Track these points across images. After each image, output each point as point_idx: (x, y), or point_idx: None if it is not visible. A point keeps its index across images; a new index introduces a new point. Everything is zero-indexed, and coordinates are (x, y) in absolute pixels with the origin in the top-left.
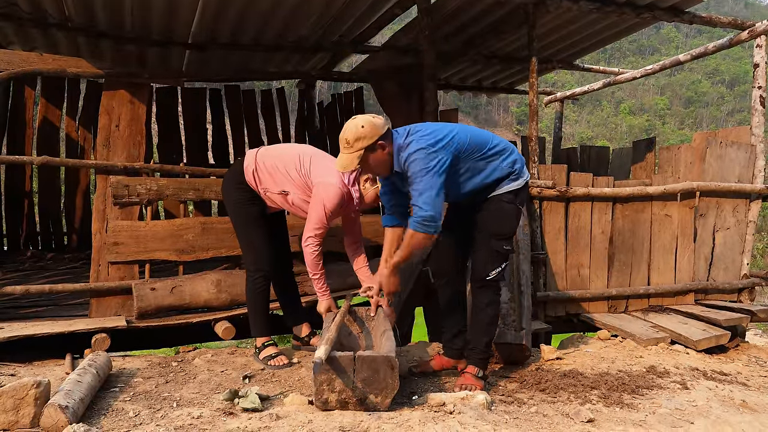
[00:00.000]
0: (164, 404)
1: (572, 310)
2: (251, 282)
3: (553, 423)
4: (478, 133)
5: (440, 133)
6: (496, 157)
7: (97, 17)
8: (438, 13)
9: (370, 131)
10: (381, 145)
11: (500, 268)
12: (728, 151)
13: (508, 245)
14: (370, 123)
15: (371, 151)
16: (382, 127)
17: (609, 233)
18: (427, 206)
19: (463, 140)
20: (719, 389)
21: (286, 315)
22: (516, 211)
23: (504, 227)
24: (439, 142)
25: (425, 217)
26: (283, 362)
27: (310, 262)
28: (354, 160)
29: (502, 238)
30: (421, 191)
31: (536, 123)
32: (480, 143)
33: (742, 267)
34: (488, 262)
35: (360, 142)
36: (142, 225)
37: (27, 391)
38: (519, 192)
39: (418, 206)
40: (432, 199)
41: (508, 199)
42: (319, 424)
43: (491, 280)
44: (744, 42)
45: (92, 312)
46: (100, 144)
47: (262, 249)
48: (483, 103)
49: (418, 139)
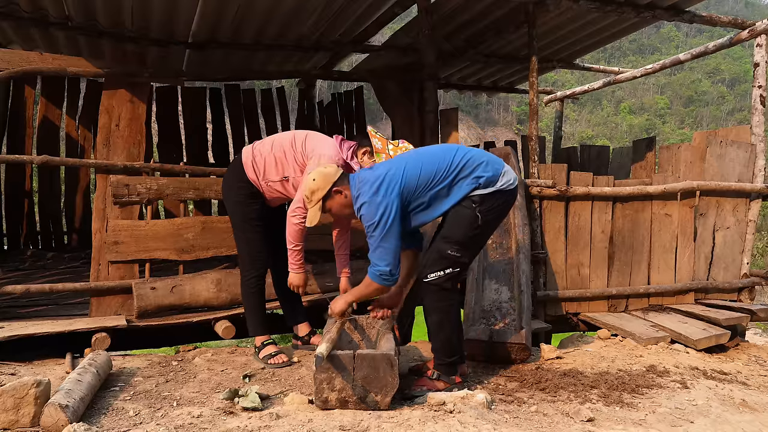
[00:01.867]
0: (164, 403)
1: (572, 310)
2: (245, 282)
3: (553, 422)
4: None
5: (384, 177)
6: (458, 178)
7: (97, 16)
8: (438, 13)
9: (322, 182)
10: (336, 191)
11: (441, 272)
12: (728, 151)
13: (454, 250)
14: (321, 174)
15: (329, 199)
16: (333, 175)
17: (609, 232)
18: (382, 262)
19: (412, 174)
20: (719, 388)
21: (285, 314)
22: (471, 217)
23: (453, 231)
24: (380, 188)
25: (382, 272)
26: (282, 360)
27: (292, 232)
28: (316, 212)
29: (448, 242)
30: (375, 247)
31: (536, 122)
32: (436, 170)
33: (742, 266)
34: (429, 263)
35: (316, 194)
36: (142, 224)
37: (27, 390)
38: (485, 198)
39: (372, 262)
40: (385, 253)
41: (466, 205)
42: (319, 423)
43: (430, 282)
44: (744, 41)
45: (92, 311)
46: (100, 143)
47: (257, 250)
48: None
49: (364, 191)
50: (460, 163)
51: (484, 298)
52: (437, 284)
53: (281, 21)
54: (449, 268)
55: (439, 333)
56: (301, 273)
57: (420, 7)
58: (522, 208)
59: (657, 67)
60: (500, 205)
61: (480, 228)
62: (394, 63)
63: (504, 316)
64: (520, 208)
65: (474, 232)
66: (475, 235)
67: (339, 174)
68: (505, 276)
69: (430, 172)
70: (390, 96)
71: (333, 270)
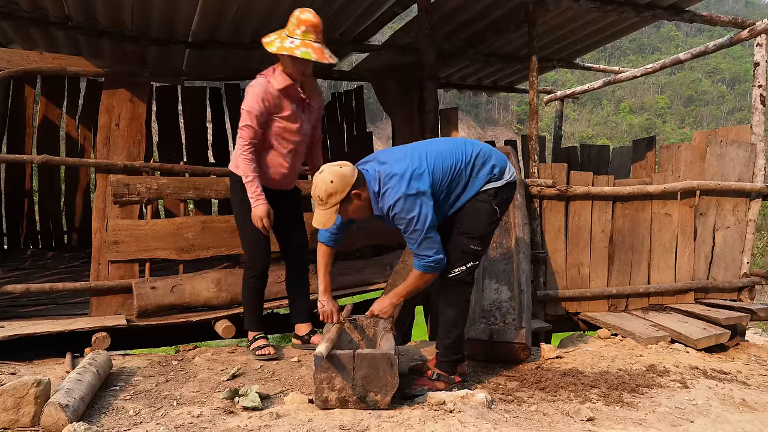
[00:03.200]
0: (164, 403)
1: (572, 309)
2: (245, 280)
3: (553, 422)
4: (451, 149)
5: (411, 168)
6: (475, 170)
7: (97, 16)
8: (438, 12)
9: (341, 184)
10: (356, 194)
11: (464, 267)
12: (728, 150)
13: (476, 245)
14: (339, 175)
15: (347, 203)
16: (351, 177)
17: (609, 232)
18: (430, 251)
19: (436, 166)
20: (719, 388)
21: (290, 311)
22: (489, 210)
23: (473, 226)
24: (411, 181)
25: (434, 261)
26: (269, 353)
27: (239, 163)
28: (332, 215)
29: (470, 237)
30: (419, 240)
31: (536, 122)
32: (456, 161)
33: (742, 266)
34: (453, 259)
35: (333, 197)
36: (142, 224)
37: (27, 389)
38: (498, 191)
39: (419, 255)
40: (431, 243)
41: (483, 198)
42: (319, 423)
43: (452, 278)
44: (744, 41)
45: (92, 311)
46: (100, 143)
47: (258, 250)
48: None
49: (393, 186)
50: (474, 154)
51: (484, 297)
52: (460, 279)
53: (281, 20)
54: (471, 262)
55: (454, 329)
56: (261, 204)
57: (420, 6)
58: (522, 208)
59: (657, 66)
60: (509, 197)
61: (496, 221)
62: (394, 62)
63: (504, 316)
64: (520, 208)
65: (493, 225)
66: (492, 228)
67: (356, 175)
68: (505, 275)
69: (451, 164)
70: (390, 95)
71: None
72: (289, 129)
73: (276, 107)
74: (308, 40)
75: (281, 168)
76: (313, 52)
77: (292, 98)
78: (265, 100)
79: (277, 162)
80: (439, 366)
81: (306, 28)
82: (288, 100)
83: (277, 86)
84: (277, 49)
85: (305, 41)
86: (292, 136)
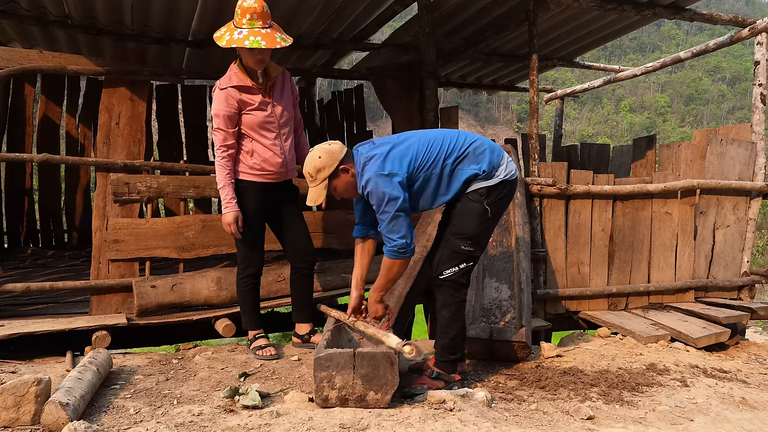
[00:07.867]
0: (165, 401)
1: (572, 308)
2: (239, 280)
3: (553, 420)
4: (441, 135)
5: (391, 150)
6: (464, 159)
7: (97, 14)
8: (438, 11)
9: (328, 159)
10: (343, 169)
11: (456, 268)
12: (729, 149)
13: (467, 245)
14: (326, 151)
15: (335, 177)
16: (339, 152)
17: (609, 231)
18: (396, 235)
19: (419, 150)
20: (719, 387)
21: (292, 310)
22: (480, 210)
23: (463, 226)
24: (386, 162)
25: (399, 246)
26: (270, 353)
27: (215, 169)
28: (321, 191)
29: (461, 237)
30: (387, 221)
31: (537, 120)
32: (442, 146)
33: (742, 265)
34: (443, 260)
35: (321, 172)
36: (142, 222)
37: (28, 388)
38: (490, 191)
39: (386, 238)
40: (398, 226)
41: (473, 198)
42: (319, 422)
43: (445, 279)
44: (745, 39)
45: (93, 309)
46: (100, 141)
47: (252, 249)
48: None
49: (371, 166)
50: (465, 143)
51: (485, 296)
52: (453, 280)
53: (281, 19)
54: (463, 263)
55: (450, 329)
56: (230, 211)
57: (420, 5)
58: (522, 206)
59: (657, 65)
60: (505, 196)
61: (489, 221)
62: (395, 61)
63: (504, 315)
64: (521, 206)
65: (484, 225)
66: (485, 228)
67: (344, 151)
68: (506, 274)
69: (436, 149)
70: (390, 94)
71: (334, 268)
72: (262, 118)
73: (241, 103)
74: (256, 27)
75: (276, 157)
76: (263, 39)
77: (253, 89)
78: (228, 100)
79: (269, 152)
80: (438, 365)
81: (251, 16)
82: (248, 93)
83: (234, 84)
84: (227, 42)
85: (253, 29)
86: (269, 124)
